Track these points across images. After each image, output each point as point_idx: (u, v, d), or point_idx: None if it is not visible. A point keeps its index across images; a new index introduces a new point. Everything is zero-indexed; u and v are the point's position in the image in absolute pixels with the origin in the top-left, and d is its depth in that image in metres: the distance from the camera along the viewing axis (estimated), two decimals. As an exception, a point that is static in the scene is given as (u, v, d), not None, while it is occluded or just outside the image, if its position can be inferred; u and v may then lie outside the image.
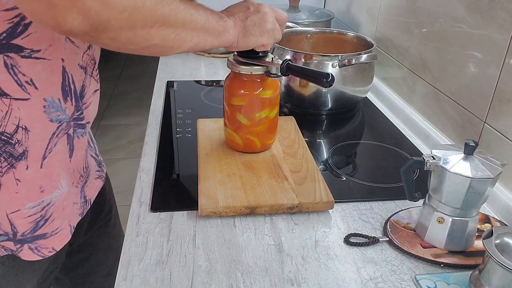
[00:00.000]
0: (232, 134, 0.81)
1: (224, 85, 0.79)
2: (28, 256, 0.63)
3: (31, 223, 0.61)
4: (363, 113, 1.12)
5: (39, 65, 0.54)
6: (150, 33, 0.49)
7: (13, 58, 0.52)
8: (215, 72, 1.33)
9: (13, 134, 0.55)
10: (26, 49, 0.52)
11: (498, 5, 0.75)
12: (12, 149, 0.56)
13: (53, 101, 0.57)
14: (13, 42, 0.51)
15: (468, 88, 0.84)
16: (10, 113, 0.54)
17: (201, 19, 0.56)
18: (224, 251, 0.63)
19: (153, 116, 1.03)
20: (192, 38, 0.55)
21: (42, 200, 0.61)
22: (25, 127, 0.56)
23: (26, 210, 0.60)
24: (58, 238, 0.65)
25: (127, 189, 2.27)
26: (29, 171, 0.58)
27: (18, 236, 0.61)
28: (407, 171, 0.64)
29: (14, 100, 0.54)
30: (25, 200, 0.59)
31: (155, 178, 0.79)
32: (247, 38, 0.63)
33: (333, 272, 0.60)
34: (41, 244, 0.63)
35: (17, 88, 0.53)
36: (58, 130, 0.59)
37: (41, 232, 0.63)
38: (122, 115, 3.14)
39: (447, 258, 0.62)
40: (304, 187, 0.73)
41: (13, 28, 0.51)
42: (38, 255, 0.64)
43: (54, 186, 0.62)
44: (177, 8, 0.51)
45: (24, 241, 0.61)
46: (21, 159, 0.57)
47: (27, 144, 0.57)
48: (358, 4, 1.40)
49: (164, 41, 0.51)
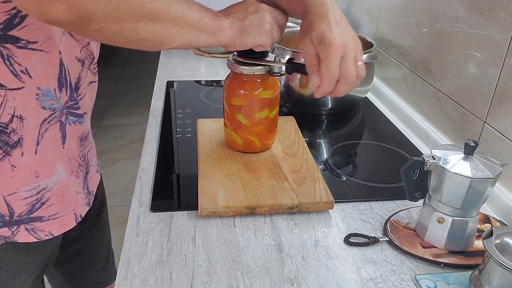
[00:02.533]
0: (232, 134, 0.81)
1: (224, 85, 0.79)
2: (24, 238, 0.64)
3: (27, 205, 0.63)
4: (363, 113, 1.12)
5: (35, 56, 0.56)
6: (138, 26, 0.49)
7: (10, 49, 0.53)
8: (215, 72, 1.33)
9: (8, 123, 0.57)
10: (22, 40, 0.54)
11: (498, 5, 0.75)
12: (7, 138, 0.58)
13: (48, 91, 0.59)
14: (10, 33, 0.53)
15: (468, 88, 0.84)
16: (5, 104, 0.56)
17: (194, 16, 0.56)
18: (224, 251, 0.63)
19: (153, 116, 1.03)
20: (184, 35, 0.55)
21: (38, 185, 0.63)
22: (20, 116, 0.57)
23: (22, 193, 0.62)
24: (57, 224, 0.67)
25: (127, 189, 2.29)
26: (24, 158, 0.60)
27: (14, 216, 0.62)
28: (407, 171, 0.64)
29: (9, 91, 0.55)
30: (21, 184, 0.61)
31: (155, 178, 0.79)
32: (244, 38, 0.63)
33: (333, 272, 0.60)
34: (37, 226, 0.65)
35: (12, 78, 0.55)
36: (50, 117, 0.61)
37: (37, 215, 0.64)
38: (122, 115, 3.14)
39: (447, 258, 0.62)
40: (304, 187, 0.73)
41: (10, 20, 0.52)
42: (34, 237, 0.65)
43: (49, 172, 0.63)
44: (168, 4, 0.51)
45: (20, 221, 0.63)
46: (16, 146, 0.59)
47: (22, 132, 0.58)
48: (358, 4, 1.40)
49: (153, 36, 0.51)
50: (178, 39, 0.55)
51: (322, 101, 1.05)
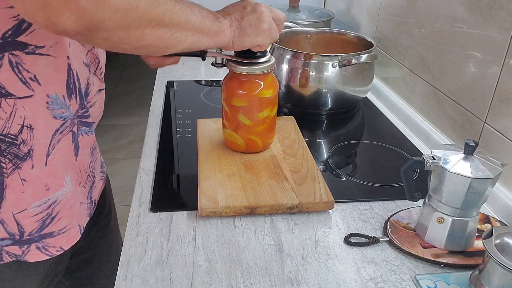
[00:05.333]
0: (233, 136, 0.81)
1: (223, 85, 0.79)
2: (35, 257, 0.63)
3: (38, 221, 0.61)
4: (363, 113, 1.12)
5: (42, 61, 0.55)
6: (144, 33, 0.49)
7: (18, 56, 0.53)
8: (215, 72, 1.33)
9: (18, 134, 0.56)
10: (30, 45, 0.53)
11: (498, 5, 0.75)
12: (17, 150, 0.56)
13: (57, 98, 0.58)
14: (19, 40, 0.52)
15: (468, 88, 0.84)
16: (15, 114, 0.55)
17: (196, 19, 0.55)
18: (224, 251, 0.63)
19: (153, 116, 1.03)
20: (187, 38, 0.55)
21: (48, 198, 0.61)
22: (29, 126, 0.56)
23: (32, 209, 0.60)
24: (66, 237, 0.66)
25: (127, 189, 2.29)
26: (34, 170, 0.58)
27: (25, 236, 0.61)
28: (407, 171, 0.64)
29: (18, 100, 0.54)
30: (31, 199, 0.60)
31: (155, 178, 0.79)
32: (242, 38, 0.63)
33: (333, 272, 0.60)
34: (49, 243, 0.64)
35: (21, 86, 0.54)
36: (62, 127, 0.60)
37: (48, 231, 0.63)
38: (122, 115, 3.14)
39: (447, 258, 0.62)
40: (304, 187, 0.73)
41: (18, 25, 0.51)
42: (46, 254, 0.64)
43: (59, 184, 0.62)
44: (172, 9, 0.51)
45: (31, 240, 0.62)
46: (26, 158, 0.57)
47: (32, 143, 0.57)
48: (358, 4, 1.40)
49: (158, 41, 0.51)
50: (182, 43, 0.55)
51: (322, 101, 1.05)
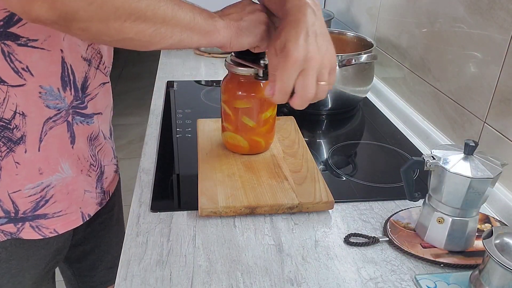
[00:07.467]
0: (235, 138, 0.80)
1: (223, 87, 0.78)
2: (29, 235, 0.65)
3: (32, 202, 0.64)
4: (363, 113, 1.12)
5: (36, 53, 0.56)
6: (124, 26, 0.48)
7: (10, 46, 0.54)
8: (215, 72, 1.33)
9: (11, 119, 0.58)
10: (23, 38, 0.55)
11: (498, 5, 0.75)
12: (10, 134, 0.58)
13: (51, 90, 0.60)
14: (10, 30, 0.54)
15: (468, 88, 0.84)
16: (8, 100, 0.57)
17: (185, 16, 0.55)
18: (224, 251, 0.63)
19: (153, 116, 1.03)
20: (174, 35, 0.54)
21: (42, 182, 0.63)
22: (22, 113, 0.58)
23: (26, 190, 0.63)
24: (61, 221, 0.68)
25: (127, 189, 2.27)
26: (27, 155, 0.61)
27: (19, 214, 0.63)
28: (407, 171, 0.64)
29: (11, 87, 0.56)
30: (25, 181, 0.62)
31: (155, 178, 0.79)
32: (241, 38, 0.63)
33: (333, 272, 0.60)
34: (42, 223, 0.66)
35: (13, 75, 0.56)
36: (56, 116, 0.62)
37: (42, 212, 0.65)
38: (122, 115, 3.13)
39: (447, 258, 0.62)
40: (304, 187, 0.73)
41: (10, 17, 0.53)
42: (39, 234, 0.66)
43: (53, 169, 0.64)
44: (157, 4, 0.50)
45: (25, 219, 0.64)
46: (20, 143, 0.59)
47: (25, 129, 0.59)
48: (358, 4, 1.40)
49: (140, 35, 0.51)
50: (168, 39, 0.54)
51: (322, 101, 1.04)
